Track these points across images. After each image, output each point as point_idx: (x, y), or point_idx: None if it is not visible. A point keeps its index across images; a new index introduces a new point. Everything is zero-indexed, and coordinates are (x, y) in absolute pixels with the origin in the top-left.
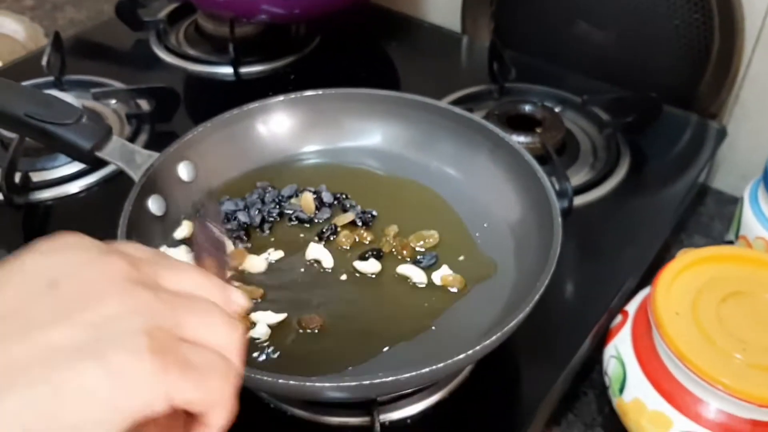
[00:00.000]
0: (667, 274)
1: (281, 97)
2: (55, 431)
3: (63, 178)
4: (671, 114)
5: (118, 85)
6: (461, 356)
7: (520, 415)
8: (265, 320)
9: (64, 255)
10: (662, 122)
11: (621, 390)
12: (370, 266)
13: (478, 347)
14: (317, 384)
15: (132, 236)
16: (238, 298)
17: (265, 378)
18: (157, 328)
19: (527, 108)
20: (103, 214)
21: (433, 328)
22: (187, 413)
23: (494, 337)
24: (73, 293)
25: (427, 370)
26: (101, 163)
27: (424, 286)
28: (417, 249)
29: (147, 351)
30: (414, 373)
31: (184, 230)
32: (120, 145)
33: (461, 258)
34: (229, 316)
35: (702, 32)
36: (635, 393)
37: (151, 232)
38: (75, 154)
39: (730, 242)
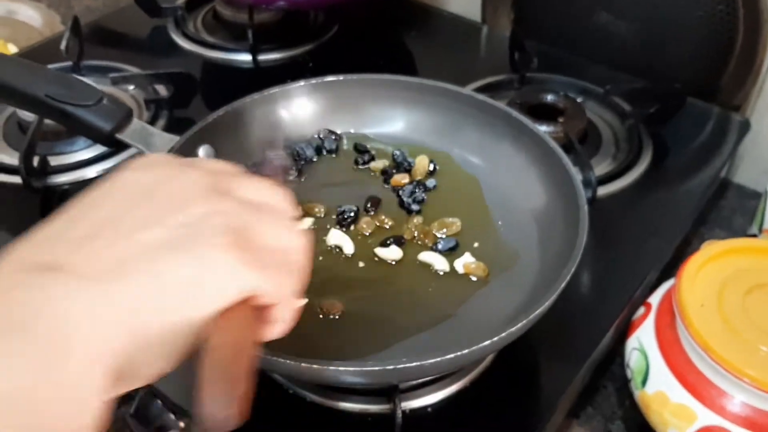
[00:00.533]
0: (692, 266)
1: (302, 83)
2: (158, 312)
3: (81, 163)
4: (694, 106)
5: (135, 70)
6: (487, 342)
7: (541, 406)
8: None
9: (154, 170)
10: (685, 114)
11: (644, 382)
12: (391, 253)
13: (504, 333)
14: (340, 368)
15: None
16: (292, 206)
17: (288, 362)
18: (236, 228)
19: (549, 97)
20: None
21: (456, 316)
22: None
23: (520, 324)
24: (164, 200)
25: (451, 356)
26: (121, 146)
27: (445, 273)
28: (439, 236)
29: (230, 246)
30: (438, 359)
31: None
32: (140, 128)
33: (484, 246)
34: (293, 222)
35: (726, 23)
36: (658, 385)
37: None
38: (95, 135)
39: (753, 236)
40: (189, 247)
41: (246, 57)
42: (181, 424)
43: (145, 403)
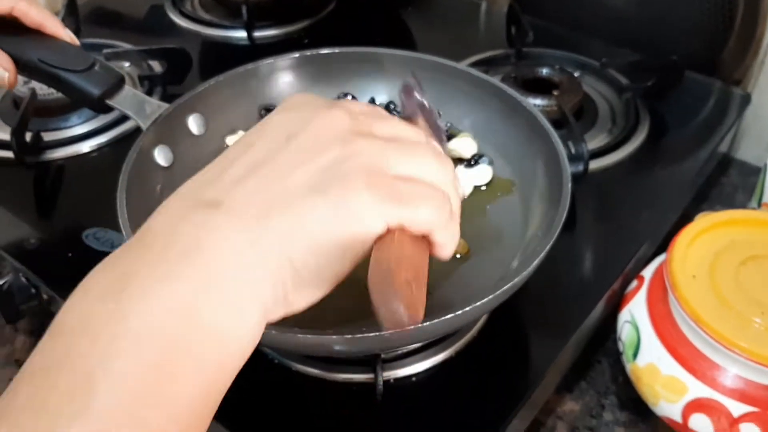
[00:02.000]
0: (685, 237)
1: (296, 54)
2: (306, 246)
3: (75, 138)
4: (693, 80)
5: (130, 47)
6: (467, 308)
7: (529, 377)
8: None
9: (298, 112)
10: (684, 88)
11: (635, 355)
12: None
13: (478, 303)
14: (319, 336)
15: (134, 184)
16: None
17: (270, 331)
18: (372, 167)
19: (544, 71)
20: (114, 173)
21: (436, 291)
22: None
23: (499, 292)
24: (305, 144)
25: (427, 323)
26: (119, 121)
27: None
28: None
29: (364, 186)
30: (413, 327)
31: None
32: (131, 95)
33: (466, 222)
34: (437, 152)
35: None
36: (649, 358)
37: (155, 182)
38: (85, 100)
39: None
40: (329, 191)
41: (242, 34)
42: None
43: None
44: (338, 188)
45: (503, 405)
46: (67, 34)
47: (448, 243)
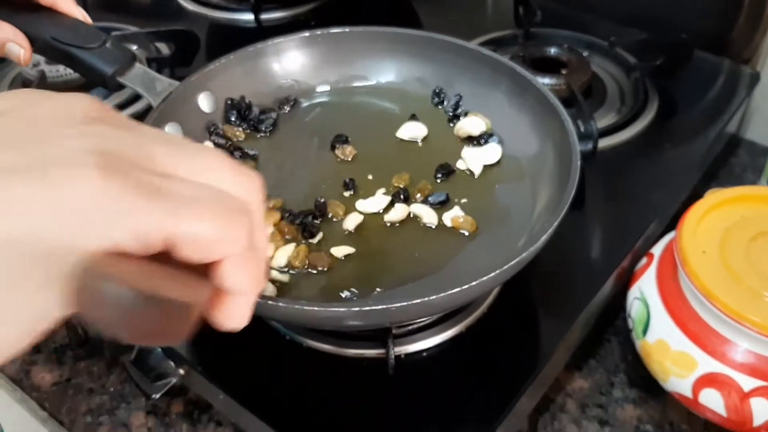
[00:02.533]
0: (695, 213)
1: (306, 33)
2: None
3: None
4: (702, 58)
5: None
6: (474, 283)
7: (538, 354)
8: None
9: (24, 94)
10: (693, 67)
11: (644, 331)
12: (377, 204)
13: (484, 278)
14: (332, 309)
15: None
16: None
17: (281, 305)
18: (113, 150)
19: (553, 50)
20: None
21: (444, 269)
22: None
23: (506, 267)
24: (15, 122)
25: (434, 297)
26: (125, 105)
27: (434, 227)
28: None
29: (96, 168)
30: (424, 299)
31: None
32: (142, 72)
33: (475, 200)
34: (232, 161)
35: None
36: (659, 334)
37: None
38: (97, 78)
39: None
40: (31, 170)
41: (249, 17)
42: (181, 372)
43: (145, 351)
44: (53, 168)
45: (513, 381)
46: (79, 12)
47: (245, 288)
